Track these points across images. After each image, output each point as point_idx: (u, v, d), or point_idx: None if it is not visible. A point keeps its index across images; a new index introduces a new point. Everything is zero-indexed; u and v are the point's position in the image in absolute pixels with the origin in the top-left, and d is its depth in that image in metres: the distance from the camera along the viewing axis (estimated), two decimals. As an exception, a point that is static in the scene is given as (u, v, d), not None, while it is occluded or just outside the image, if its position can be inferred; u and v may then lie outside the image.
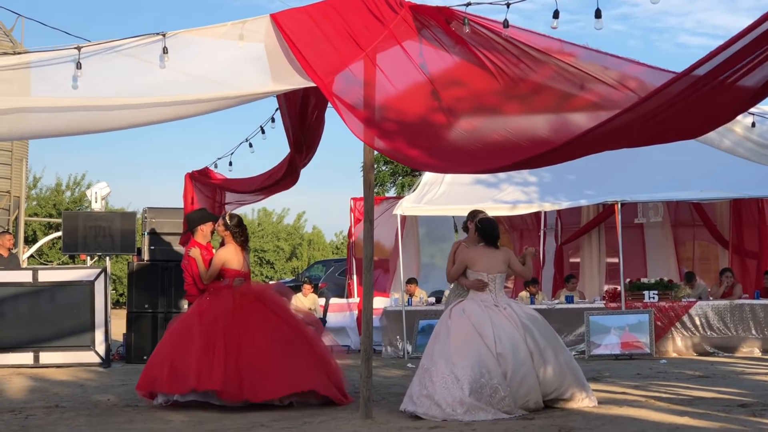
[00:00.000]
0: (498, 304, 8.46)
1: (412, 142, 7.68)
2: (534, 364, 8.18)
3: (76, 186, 38.11)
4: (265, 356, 8.91)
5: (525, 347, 8.19)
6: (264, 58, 7.60)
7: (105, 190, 17.75)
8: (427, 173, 16.75)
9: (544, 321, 8.65)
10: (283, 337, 9.18)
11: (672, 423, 7.52)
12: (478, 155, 7.55)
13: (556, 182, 15.89)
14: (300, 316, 9.96)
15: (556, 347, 8.41)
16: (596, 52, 7.49)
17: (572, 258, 19.15)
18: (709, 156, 14.18)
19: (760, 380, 10.79)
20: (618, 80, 7.29)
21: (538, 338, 8.30)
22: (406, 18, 7.65)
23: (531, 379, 8.14)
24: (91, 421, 8.26)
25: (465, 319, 8.31)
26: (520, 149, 7.27)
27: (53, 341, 13.66)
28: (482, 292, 8.52)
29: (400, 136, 7.69)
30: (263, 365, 8.86)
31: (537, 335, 8.31)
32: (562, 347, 8.58)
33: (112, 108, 7.54)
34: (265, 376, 8.81)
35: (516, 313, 8.41)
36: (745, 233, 17.01)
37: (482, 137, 7.58)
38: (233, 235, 9.62)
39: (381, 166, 35.62)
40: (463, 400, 7.89)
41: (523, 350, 8.17)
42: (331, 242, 47.67)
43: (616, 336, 14.08)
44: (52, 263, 30.85)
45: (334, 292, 21.51)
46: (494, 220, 8.97)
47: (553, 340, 8.48)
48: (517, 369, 8.09)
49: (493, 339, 8.14)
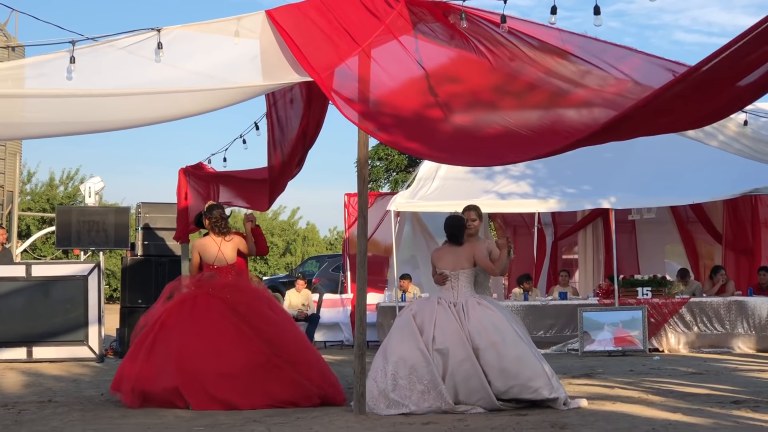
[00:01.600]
0: (456, 302, 8.39)
1: (410, 135, 7.69)
2: (482, 362, 8.12)
3: (69, 181, 38.04)
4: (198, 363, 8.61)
5: (468, 345, 8.14)
6: (259, 55, 7.60)
7: (99, 185, 17.73)
8: (421, 169, 16.78)
9: (506, 317, 8.40)
10: (231, 340, 8.75)
11: (665, 419, 7.53)
12: (478, 148, 7.57)
13: (550, 177, 15.91)
14: (277, 315, 9.36)
15: (511, 343, 8.18)
16: (594, 40, 7.48)
17: (566, 255, 19.19)
18: (702, 153, 14.27)
19: (753, 377, 10.81)
20: (614, 79, 7.30)
21: (490, 335, 8.17)
22: (402, 12, 7.64)
23: (475, 377, 8.09)
24: (84, 416, 8.24)
25: (408, 317, 8.36)
26: (520, 141, 7.28)
27: (46, 336, 13.64)
28: (445, 289, 8.51)
29: (397, 129, 7.70)
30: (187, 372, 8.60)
31: (489, 333, 8.17)
32: (520, 343, 8.26)
33: (107, 96, 7.51)
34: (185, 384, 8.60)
35: (468, 311, 8.30)
36: (738, 230, 17.03)
37: (479, 130, 7.59)
38: (210, 224, 9.54)
39: (375, 162, 35.59)
40: (387, 395, 8.03)
41: (464, 349, 8.12)
42: (325, 238, 47.66)
43: (610, 332, 14.10)
44: (46, 258, 30.81)
45: (328, 288, 21.55)
46: (461, 217, 8.74)
47: (510, 336, 8.23)
48: (458, 367, 8.09)
49: (432, 336, 8.15)
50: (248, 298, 9.19)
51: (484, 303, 8.44)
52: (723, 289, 15.23)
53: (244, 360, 8.63)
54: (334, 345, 16.68)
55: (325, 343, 16.73)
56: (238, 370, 8.58)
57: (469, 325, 8.21)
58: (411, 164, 34.24)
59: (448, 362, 8.10)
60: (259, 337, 8.82)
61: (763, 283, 15.13)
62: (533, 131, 7.30)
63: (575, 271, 18.69)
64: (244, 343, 8.73)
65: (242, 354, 8.66)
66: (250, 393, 8.54)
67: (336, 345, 16.67)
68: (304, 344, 9.39)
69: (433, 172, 16.36)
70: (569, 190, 15.52)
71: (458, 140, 7.60)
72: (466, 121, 7.67)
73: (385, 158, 35.58)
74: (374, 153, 34.55)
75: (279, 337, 8.96)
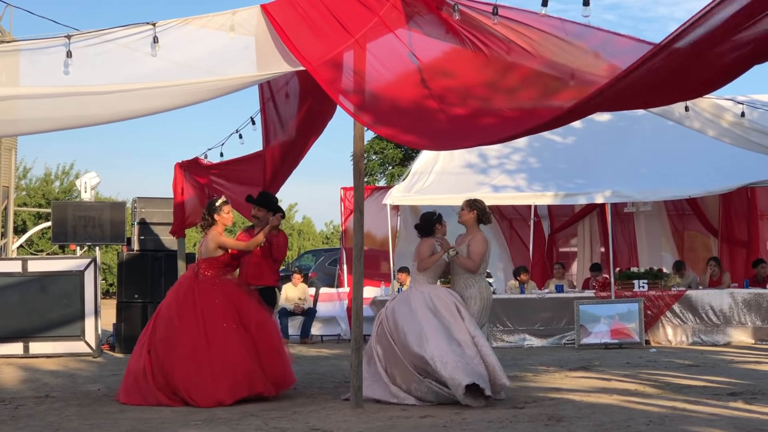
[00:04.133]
0: (411, 290, 8.86)
1: (406, 126, 7.70)
2: (397, 347, 8.45)
3: (65, 176, 37.97)
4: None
5: (389, 333, 8.60)
6: (253, 46, 7.62)
7: (94, 179, 17.72)
8: (416, 163, 16.77)
9: (450, 304, 8.56)
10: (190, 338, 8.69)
11: (662, 411, 7.54)
12: (470, 131, 7.59)
13: (546, 170, 15.91)
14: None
15: (430, 330, 8.35)
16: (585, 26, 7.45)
17: (563, 247, 19.18)
18: (698, 144, 14.28)
19: (749, 369, 10.83)
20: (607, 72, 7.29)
21: (406, 321, 8.47)
22: (396, 5, 7.65)
23: (398, 361, 8.43)
24: (81, 411, 8.24)
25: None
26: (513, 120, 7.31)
27: (43, 331, 13.62)
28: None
29: (393, 120, 7.72)
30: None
31: (411, 318, 8.47)
32: (443, 330, 8.39)
33: (102, 93, 7.50)
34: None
35: (411, 299, 8.63)
36: (734, 222, 17.04)
37: (473, 119, 7.60)
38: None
39: (371, 156, 35.56)
40: (365, 377, 8.42)
41: (391, 335, 8.55)
42: (322, 232, 47.68)
43: (606, 325, 14.11)
44: (42, 253, 30.77)
45: (325, 282, 21.53)
46: (430, 213, 9.15)
47: (428, 323, 8.40)
48: (385, 351, 8.57)
49: (382, 324, 8.69)
50: (175, 296, 9.01)
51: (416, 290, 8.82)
52: (719, 280, 15.24)
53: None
54: (331, 339, 16.69)
55: (322, 337, 16.74)
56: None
57: (399, 311, 8.65)
58: (406, 158, 34.20)
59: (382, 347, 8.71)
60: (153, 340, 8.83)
61: (759, 276, 15.15)
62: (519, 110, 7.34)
63: (572, 263, 18.68)
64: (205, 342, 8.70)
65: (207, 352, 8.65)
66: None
67: (333, 339, 16.67)
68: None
69: (429, 166, 16.36)
70: (564, 183, 15.51)
71: (453, 127, 7.62)
72: (460, 112, 7.68)
73: (380, 152, 35.52)
74: (369, 147, 34.51)
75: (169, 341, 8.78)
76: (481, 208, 8.96)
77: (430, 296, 8.59)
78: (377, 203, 16.25)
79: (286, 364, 9.00)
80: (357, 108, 7.67)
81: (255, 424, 7.37)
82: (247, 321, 8.83)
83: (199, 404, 8.35)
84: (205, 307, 8.75)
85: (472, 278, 8.76)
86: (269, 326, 9.09)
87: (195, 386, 8.45)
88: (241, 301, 8.96)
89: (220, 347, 8.58)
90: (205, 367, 8.48)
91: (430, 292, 8.64)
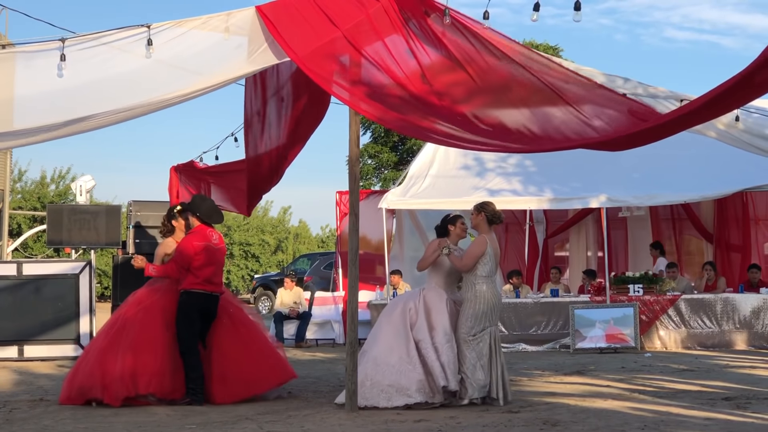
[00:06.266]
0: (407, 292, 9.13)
1: (401, 119, 7.73)
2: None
3: (60, 179, 37.91)
4: None
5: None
6: (245, 45, 7.68)
7: (90, 183, 17.68)
8: (412, 167, 16.78)
9: (420, 309, 8.71)
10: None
11: (656, 416, 7.55)
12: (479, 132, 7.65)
13: (541, 174, 15.91)
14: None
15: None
16: None
17: (558, 251, 19.19)
18: (692, 150, 14.31)
19: (744, 373, 10.84)
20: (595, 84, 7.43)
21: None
22: (388, 10, 7.68)
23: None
24: (75, 414, 8.24)
25: None
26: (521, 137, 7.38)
27: (38, 334, 13.59)
28: None
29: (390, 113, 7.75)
30: None
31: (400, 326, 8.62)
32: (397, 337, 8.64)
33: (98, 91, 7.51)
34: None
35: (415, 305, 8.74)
36: (729, 227, 17.06)
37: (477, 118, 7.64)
38: None
39: (366, 160, 35.55)
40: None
41: None
42: (317, 236, 47.64)
43: (601, 329, 14.12)
44: (37, 256, 30.75)
45: (320, 286, 21.52)
46: (447, 214, 9.23)
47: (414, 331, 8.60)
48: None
49: None
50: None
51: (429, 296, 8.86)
52: (714, 285, 15.26)
53: None
54: (326, 343, 16.67)
55: (317, 341, 16.72)
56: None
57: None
58: (401, 162, 34.21)
59: None
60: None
61: (753, 281, 15.17)
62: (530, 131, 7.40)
63: (567, 267, 18.69)
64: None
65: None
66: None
67: (328, 343, 16.66)
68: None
69: (425, 170, 16.36)
70: (560, 188, 15.51)
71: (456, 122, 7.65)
72: (464, 108, 7.70)
73: (375, 156, 35.50)
74: (364, 151, 34.49)
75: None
76: (490, 210, 8.99)
77: (416, 300, 8.79)
78: (372, 207, 16.25)
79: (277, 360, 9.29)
80: (354, 97, 7.72)
81: (250, 427, 7.37)
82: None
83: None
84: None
85: (471, 280, 8.77)
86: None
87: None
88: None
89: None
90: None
91: (424, 294, 8.80)
